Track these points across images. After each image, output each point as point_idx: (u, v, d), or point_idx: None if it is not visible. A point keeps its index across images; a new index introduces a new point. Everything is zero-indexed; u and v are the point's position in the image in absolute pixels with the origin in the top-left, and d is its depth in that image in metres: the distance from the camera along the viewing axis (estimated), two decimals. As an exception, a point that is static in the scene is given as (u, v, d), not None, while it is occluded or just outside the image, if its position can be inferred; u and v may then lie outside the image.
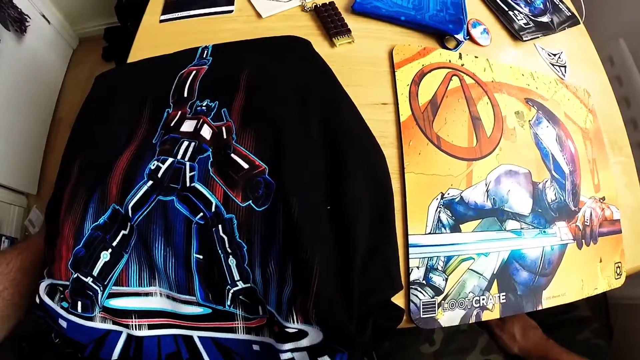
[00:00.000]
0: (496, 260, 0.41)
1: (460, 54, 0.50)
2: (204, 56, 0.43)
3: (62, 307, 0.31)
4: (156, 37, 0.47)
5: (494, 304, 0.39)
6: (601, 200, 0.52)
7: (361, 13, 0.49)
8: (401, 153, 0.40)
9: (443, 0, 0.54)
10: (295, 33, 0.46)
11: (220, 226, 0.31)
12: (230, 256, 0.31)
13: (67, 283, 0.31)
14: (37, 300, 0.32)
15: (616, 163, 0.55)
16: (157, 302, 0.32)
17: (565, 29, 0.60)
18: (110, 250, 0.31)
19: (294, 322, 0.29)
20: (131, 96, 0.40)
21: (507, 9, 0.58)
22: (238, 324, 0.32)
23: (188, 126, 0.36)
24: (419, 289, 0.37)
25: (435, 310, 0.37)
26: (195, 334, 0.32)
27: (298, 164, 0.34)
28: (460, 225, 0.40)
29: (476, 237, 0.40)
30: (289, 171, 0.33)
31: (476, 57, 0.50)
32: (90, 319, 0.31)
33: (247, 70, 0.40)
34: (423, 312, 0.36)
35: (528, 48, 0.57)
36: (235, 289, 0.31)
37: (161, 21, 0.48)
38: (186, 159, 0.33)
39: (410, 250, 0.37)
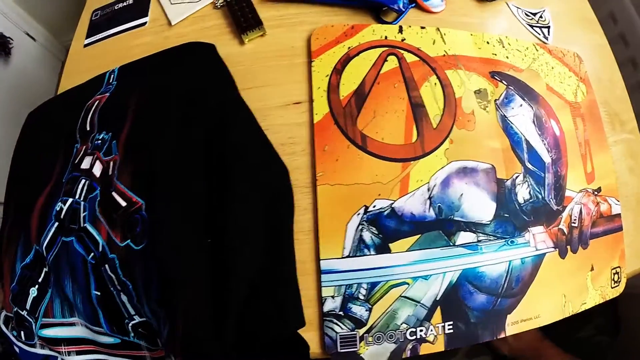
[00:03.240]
0: (440, 284, 0.32)
1: (400, 26, 0.39)
2: (110, 81, 0.40)
3: (13, 335, 0.35)
4: (83, 62, 0.44)
5: (435, 336, 0.31)
6: (595, 193, 0.40)
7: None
8: (313, 161, 0.33)
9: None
10: (205, 35, 0.39)
11: (107, 265, 0.31)
12: (121, 293, 0.31)
13: (12, 315, 0.34)
14: None
15: (617, 142, 0.43)
16: (80, 331, 0.34)
17: (549, -21, 0.47)
18: (37, 286, 0.33)
19: None
20: (51, 133, 0.40)
21: (471, -38, 0.46)
22: (145, 353, 0.33)
23: (86, 163, 0.35)
24: (336, 321, 0.30)
25: (356, 345, 0.30)
26: None
27: (172, 193, 0.29)
28: (389, 245, 0.32)
29: (411, 257, 0.32)
30: (161, 203, 0.29)
31: (423, 27, 0.40)
32: (33, 345, 0.34)
33: (137, 93, 0.36)
34: (341, 346, 0.30)
35: (498, 8, 0.45)
36: (133, 322, 0.32)
37: (85, 45, 0.44)
38: (82, 198, 0.34)
39: (323, 277, 0.30)
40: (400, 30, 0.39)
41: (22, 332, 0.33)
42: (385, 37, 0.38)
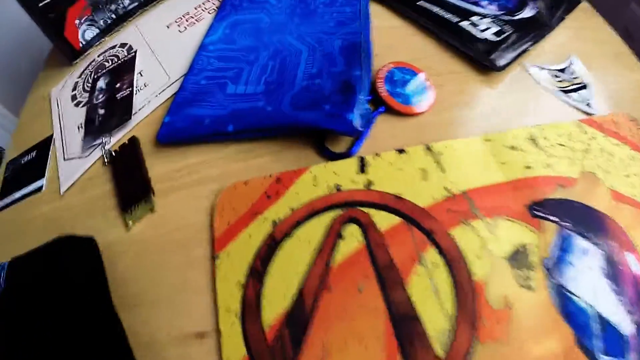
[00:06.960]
0: None
1: (361, 159, 0.23)
2: (1, 279, 0.30)
3: None
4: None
5: None
6: None
7: (172, 143, 0.25)
8: None
9: (327, 52, 0.26)
10: (92, 208, 0.26)
11: None
12: None
13: None
14: None
15: None
16: None
17: (563, 18, 0.29)
18: None
19: None
20: None
21: (458, 19, 0.29)
22: None
23: None
24: None
25: None
26: None
27: None
28: None
29: None
30: None
31: (401, 151, 0.23)
32: None
33: (15, 307, 0.27)
34: None
35: (512, 78, 0.27)
36: None
37: (-1, 210, 0.33)
38: None
39: None
40: (362, 166, 0.22)
41: None
42: (338, 188, 0.22)
